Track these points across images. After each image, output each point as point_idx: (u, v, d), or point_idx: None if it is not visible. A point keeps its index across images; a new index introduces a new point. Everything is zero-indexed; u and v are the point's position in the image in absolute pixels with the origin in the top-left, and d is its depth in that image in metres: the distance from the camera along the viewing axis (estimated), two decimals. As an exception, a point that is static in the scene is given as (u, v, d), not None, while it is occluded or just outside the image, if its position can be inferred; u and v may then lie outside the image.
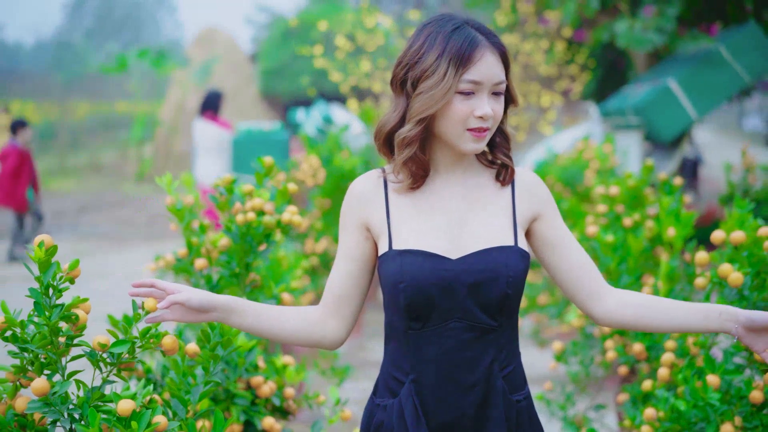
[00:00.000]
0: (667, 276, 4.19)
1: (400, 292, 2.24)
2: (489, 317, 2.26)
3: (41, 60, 48.73)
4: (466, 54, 2.20)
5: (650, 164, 5.15)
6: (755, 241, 3.03)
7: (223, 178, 3.38)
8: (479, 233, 2.30)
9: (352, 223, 2.37)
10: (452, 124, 2.24)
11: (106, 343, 2.22)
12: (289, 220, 3.32)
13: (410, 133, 2.26)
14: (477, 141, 2.26)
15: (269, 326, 2.34)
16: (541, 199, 2.39)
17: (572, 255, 2.36)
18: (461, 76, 2.20)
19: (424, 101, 2.22)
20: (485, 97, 2.23)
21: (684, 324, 2.31)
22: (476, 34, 2.24)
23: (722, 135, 33.89)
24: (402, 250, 2.27)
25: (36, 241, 2.23)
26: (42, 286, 2.23)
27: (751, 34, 9.46)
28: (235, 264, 3.36)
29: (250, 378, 3.23)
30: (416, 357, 2.28)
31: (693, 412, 3.06)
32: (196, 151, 11.31)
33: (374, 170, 2.42)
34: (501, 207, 2.35)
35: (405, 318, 2.28)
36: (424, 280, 2.23)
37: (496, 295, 2.25)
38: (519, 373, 2.38)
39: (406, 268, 2.24)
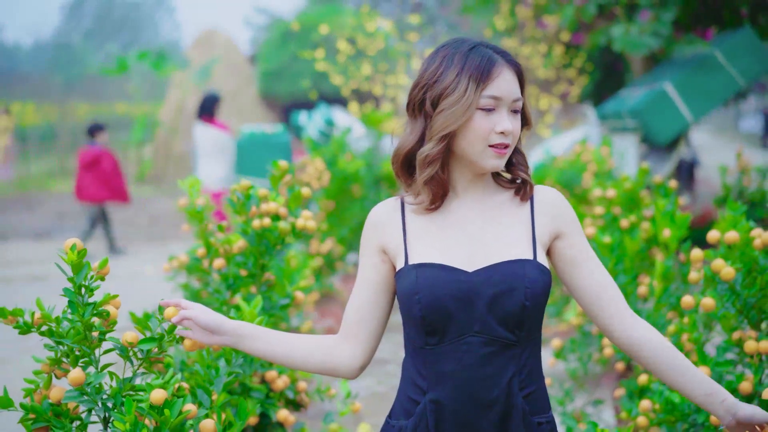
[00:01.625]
0: (663, 275, 4.36)
1: (415, 304, 2.22)
2: (508, 331, 2.22)
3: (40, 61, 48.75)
4: (485, 70, 2.22)
5: (646, 167, 5.30)
6: (747, 241, 3.19)
7: (240, 184, 3.53)
8: (497, 247, 2.28)
9: (369, 249, 2.38)
10: (474, 140, 2.24)
11: (134, 340, 2.38)
12: (304, 226, 3.48)
13: (433, 150, 2.25)
14: (498, 158, 2.26)
15: (282, 352, 2.36)
16: (562, 216, 2.35)
17: (593, 275, 2.32)
18: (481, 92, 2.22)
19: (446, 117, 2.22)
20: (505, 113, 2.25)
21: (687, 391, 2.28)
22: (492, 53, 2.26)
23: (719, 137, 34.04)
24: (418, 263, 2.26)
25: (67, 245, 2.38)
26: (75, 285, 2.39)
27: (746, 39, 9.59)
28: (251, 264, 3.51)
29: (264, 372, 3.40)
30: (434, 374, 2.25)
31: (686, 404, 3.23)
32: (197, 154, 11.39)
33: (392, 198, 2.42)
34: (519, 223, 2.33)
35: (421, 332, 2.25)
36: (440, 292, 2.21)
37: (514, 307, 2.21)
38: (542, 396, 2.32)
39: (422, 280, 2.23)
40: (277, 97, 24.78)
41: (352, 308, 2.40)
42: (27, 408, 2.48)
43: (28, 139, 25.27)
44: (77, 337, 2.38)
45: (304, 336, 2.41)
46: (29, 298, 9.54)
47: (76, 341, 2.38)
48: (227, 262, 3.63)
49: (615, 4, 10.40)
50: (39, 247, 14.24)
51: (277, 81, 24.38)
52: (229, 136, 11.17)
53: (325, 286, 6.95)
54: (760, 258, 3.16)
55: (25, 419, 2.51)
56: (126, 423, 2.25)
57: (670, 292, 4.38)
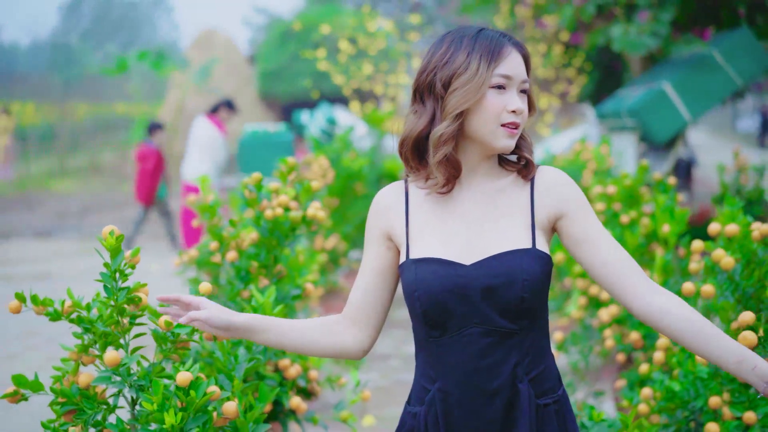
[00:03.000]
0: (662, 269, 4.48)
1: (415, 301, 2.25)
2: (508, 321, 2.23)
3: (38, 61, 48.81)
4: (495, 50, 2.25)
5: (645, 165, 5.42)
6: (746, 234, 3.31)
7: (252, 176, 3.64)
8: (495, 238, 2.28)
9: (374, 235, 2.39)
10: (486, 119, 2.24)
11: (171, 322, 2.49)
12: (314, 215, 3.60)
13: (448, 129, 2.24)
14: (510, 137, 2.26)
15: (292, 339, 2.39)
16: (562, 196, 2.31)
17: (603, 251, 2.26)
18: (493, 70, 2.23)
19: (461, 96, 2.22)
20: (515, 92, 2.26)
21: (717, 358, 2.18)
22: (501, 36, 2.29)
23: (716, 136, 34.18)
24: (417, 258, 2.28)
25: (105, 231, 2.49)
26: (110, 271, 2.50)
27: (744, 39, 9.68)
28: (264, 256, 3.63)
29: (278, 361, 3.51)
30: (440, 365, 2.28)
31: (686, 392, 3.35)
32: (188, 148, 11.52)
33: (398, 181, 2.43)
34: (519, 209, 2.32)
35: (424, 326, 2.28)
36: (438, 288, 2.23)
37: (512, 299, 2.21)
38: (549, 375, 2.32)
39: (420, 277, 2.25)
40: (276, 96, 24.87)
41: (358, 291, 2.42)
42: (57, 392, 2.59)
43: (27, 139, 25.36)
44: (110, 321, 2.49)
45: (311, 322, 2.43)
46: (36, 295, 9.67)
47: (108, 325, 2.49)
48: (239, 255, 3.74)
49: (614, 5, 10.49)
50: (40, 246, 14.33)
51: (276, 81, 24.47)
52: (221, 136, 11.24)
53: (329, 282, 7.06)
54: (759, 250, 3.27)
55: (55, 403, 2.62)
56: (154, 403, 2.36)
57: (669, 285, 4.49)
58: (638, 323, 4.52)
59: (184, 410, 2.40)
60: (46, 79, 30.44)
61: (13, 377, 2.58)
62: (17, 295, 2.54)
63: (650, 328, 4.45)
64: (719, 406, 3.16)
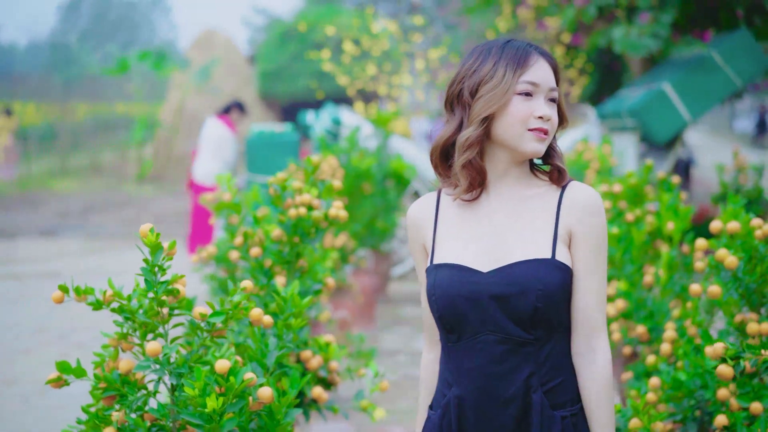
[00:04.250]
0: (667, 265, 4.62)
1: (433, 304, 2.31)
2: (523, 330, 2.25)
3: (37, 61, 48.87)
4: (522, 58, 2.28)
5: (650, 164, 5.56)
6: (748, 231, 3.45)
7: (277, 177, 3.78)
8: (517, 246, 2.29)
9: (416, 250, 2.46)
10: (513, 124, 2.27)
11: (205, 312, 2.64)
12: (336, 215, 3.74)
13: (473, 134, 2.28)
14: (539, 141, 2.29)
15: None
16: (582, 218, 2.31)
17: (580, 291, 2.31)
18: (519, 77, 2.27)
19: (486, 101, 2.27)
20: (542, 100, 2.29)
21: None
22: (528, 46, 2.33)
23: (713, 137, 34.32)
24: (438, 264, 2.34)
25: (145, 229, 2.63)
26: (150, 265, 2.64)
27: (743, 40, 9.81)
28: (287, 252, 3.77)
29: (300, 352, 3.65)
30: (456, 370, 2.32)
31: (692, 382, 3.49)
32: (199, 148, 11.53)
33: (431, 192, 2.49)
34: (544, 218, 2.33)
35: (442, 330, 2.35)
36: (453, 293, 2.28)
37: (527, 309, 2.23)
38: (567, 388, 2.31)
39: (438, 281, 2.30)
40: (276, 97, 24.97)
41: (426, 311, 2.47)
42: (99, 378, 2.73)
43: (28, 139, 25.48)
44: (151, 312, 2.63)
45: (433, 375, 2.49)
46: (43, 294, 9.85)
47: (150, 316, 2.63)
48: (263, 251, 3.87)
49: (615, 6, 10.64)
50: (46, 245, 14.46)
51: (276, 81, 24.56)
52: (233, 136, 11.28)
53: (338, 279, 7.20)
54: (761, 247, 3.41)
55: (95, 388, 2.76)
56: (196, 389, 2.50)
57: (674, 281, 4.63)
58: (644, 317, 4.66)
59: (223, 395, 2.54)
60: (46, 80, 30.54)
61: (57, 363, 2.72)
62: (60, 287, 2.67)
63: (656, 322, 4.60)
64: (727, 397, 3.29)
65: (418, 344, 8.02)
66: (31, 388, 6.65)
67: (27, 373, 6.94)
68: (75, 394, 6.35)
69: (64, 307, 9.46)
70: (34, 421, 5.96)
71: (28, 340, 8.13)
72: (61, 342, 8.07)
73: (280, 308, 2.90)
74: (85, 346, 7.74)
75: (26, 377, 6.86)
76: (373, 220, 8.67)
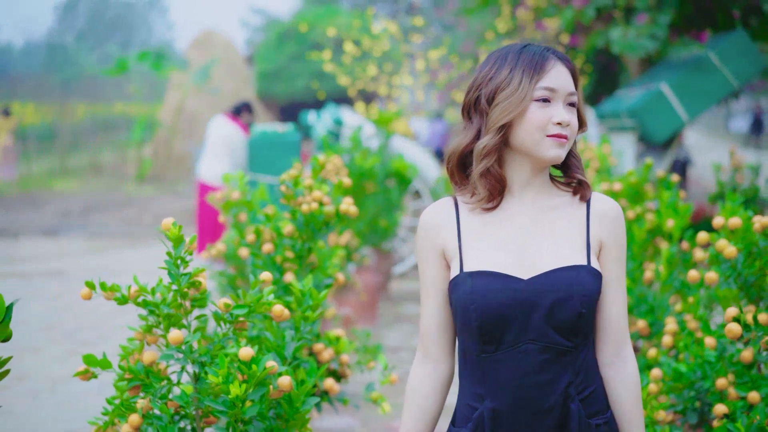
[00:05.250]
0: (668, 261, 4.74)
1: (471, 314, 2.21)
2: (564, 338, 2.22)
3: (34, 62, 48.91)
4: (538, 64, 2.25)
5: (650, 163, 5.67)
6: (747, 226, 3.56)
7: (289, 173, 3.89)
8: (551, 253, 2.27)
9: (430, 256, 2.35)
10: (531, 131, 2.24)
11: (230, 303, 2.75)
12: (346, 210, 3.85)
13: (490, 142, 2.26)
14: (559, 146, 2.26)
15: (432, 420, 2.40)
16: (612, 230, 2.34)
17: (608, 300, 2.33)
18: (536, 83, 2.23)
19: (502, 109, 2.24)
20: (561, 105, 2.25)
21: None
22: (545, 50, 2.29)
23: (710, 137, 34.46)
24: (473, 271, 2.24)
25: (167, 223, 2.74)
26: (173, 258, 2.75)
27: (739, 41, 9.93)
28: (299, 247, 3.88)
29: (312, 345, 3.76)
30: (491, 382, 2.24)
31: (693, 373, 3.60)
32: (205, 146, 11.27)
33: (444, 198, 2.40)
34: (575, 228, 2.32)
35: (478, 341, 2.24)
36: (495, 302, 2.20)
37: (571, 316, 2.21)
38: (599, 397, 2.31)
39: (477, 290, 2.21)
40: (274, 97, 25.07)
41: (432, 324, 2.37)
42: (124, 369, 2.84)
43: (27, 139, 25.56)
44: (174, 303, 2.74)
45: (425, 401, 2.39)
46: (51, 292, 9.95)
47: (174, 307, 2.75)
48: (275, 247, 3.98)
49: (613, 8, 10.75)
50: (49, 245, 14.57)
51: (274, 81, 24.67)
52: (244, 137, 11.05)
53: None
54: (760, 241, 3.53)
55: (121, 379, 2.87)
56: (219, 376, 2.61)
57: (674, 277, 4.75)
58: (645, 312, 4.77)
59: (246, 383, 2.65)
60: (45, 80, 30.62)
61: (84, 357, 2.82)
62: (88, 283, 2.78)
63: (656, 317, 4.71)
64: (725, 387, 3.40)
65: (419, 341, 8.13)
66: (41, 384, 6.76)
67: (36, 370, 7.04)
68: (83, 391, 6.51)
69: (68, 305, 9.58)
70: (43, 417, 6.06)
71: (36, 337, 8.23)
72: (67, 339, 8.18)
73: (298, 301, 3.02)
74: (91, 343, 7.85)
75: (35, 374, 6.96)
76: (376, 218, 8.79)
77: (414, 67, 14.13)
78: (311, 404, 2.87)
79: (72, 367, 7.10)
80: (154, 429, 2.73)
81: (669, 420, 3.58)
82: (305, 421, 2.89)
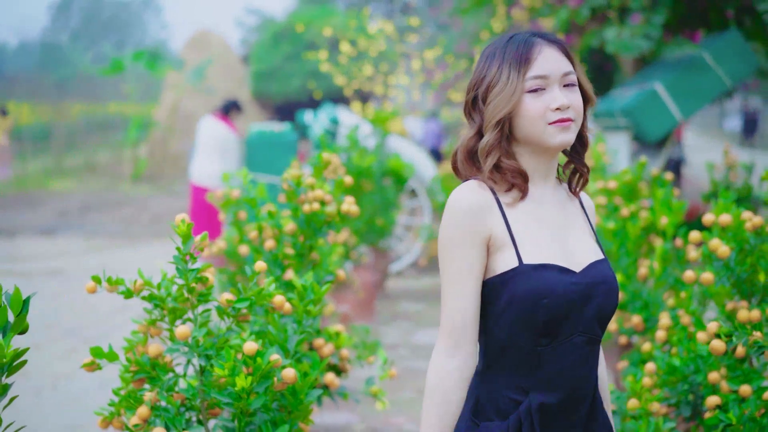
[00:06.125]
0: (662, 257, 4.82)
1: (540, 309, 2.18)
2: (601, 329, 2.28)
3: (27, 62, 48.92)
4: (523, 54, 2.24)
5: (644, 161, 5.75)
6: (739, 224, 3.64)
7: (290, 171, 3.96)
8: (581, 246, 2.31)
9: (474, 239, 2.23)
10: (531, 122, 2.23)
11: (231, 298, 2.82)
12: (348, 210, 3.93)
13: (489, 139, 2.26)
14: (563, 131, 2.24)
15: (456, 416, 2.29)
16: (594, 221, 2.46)
17: None
18: (524, 75, 2.22)
19: (494, 106, 2.23)
20: (557, 89, 2.24)
21: None
22: (530, 36, 2.28)
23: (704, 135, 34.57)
24: (537, 264, 2.21)
25: (178, 220, 2.81)
26: (181, 254, 2.82)
27: (733, 41, 9.99)
28: (300, 245, 3.95)
29: (312, 340, 3.83)
30: (540, 374, 2.23)
31: (686, 367, 3.68)
32: (196, 147, 11.16)
33: (471, 182, 2.29)
34: (582, 221, 2.38)
35: (535, 335, 2.21)
36: (564, 296, 2.19)
37: (613, 307, 2.28)
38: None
39: (546, 284, 2.19)
40: (269, 96, 25.11)
41: (469, 314, 2.26)
42: (130, 361, 2.92)
43: (23, 139, 25.59)
44: (180, 298, 2.82)
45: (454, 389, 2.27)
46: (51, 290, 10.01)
47: (180, 302, 2.82)
48: (277, 244, 4.06)
49: (607, 8, 10.81)
50: (47, 244, 14.61)
51: (269, 81, 24.70)
52: (236, 136, 11.04)
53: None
54: (751, 238, 3.60)
55: (126, 371, 2.95)
56: (225, 369, 2.69)
57: (668, 273, 4.83)
58: (639, 308, 4.85)
59: (251, 375, 2.72)
60: (40, 80, 30.64)
61: (91, 349, 2.90)
62: (93, 277, 2.85)
63: (650, 313, 4.79)
64: (718, 380, 3.48)
65: (417, 338, 8.21)
66: (43, 381, 6.83)
67: (39, 367, 7.11)
68: (85, 387, 6.57)
69: (69, 304, 9.65)
70: (46, 413, 6.13)
71: (37, 335, 8.28)
72: (68, 337, 8.25)
73: (300, 296, 3.10)
74: (92, 341, 7.91)
75: (38, 371, 7.03)
76: (373, 217, 8.87)
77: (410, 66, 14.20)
78: (314, 396, 2.94)
79: (73, 365, 7.18)
80: (161, 420, 2.80)
81: (663, 412, 3.65)
82: (308, 412, 2.97)
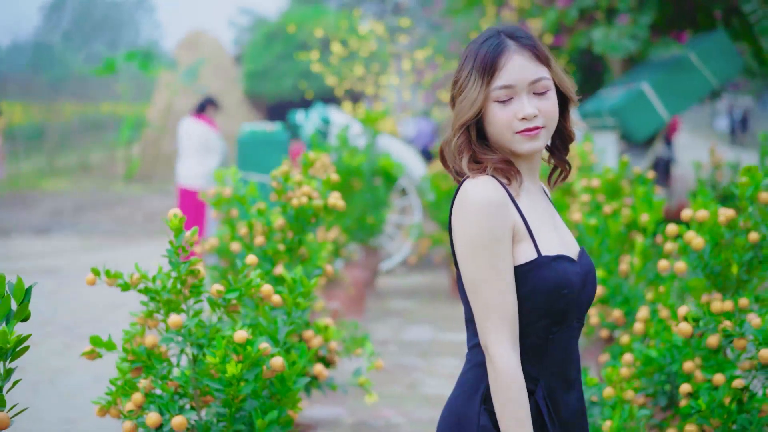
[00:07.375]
0: (641, 254, 4.96)
1: (561, 299, 2.21)
2: (585, 314, 2.36)
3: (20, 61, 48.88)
4: (490, 62, 2.22)
5: (626, 160, 5.89)
6: (715, 220, 3.77)
7: (279, 168, 4.10)
8: (568, 236, 2.38)
9: (506, 233, 2.21)
10: (499, 131, 2.24)
11: (222, 289, 2.95)
12: (334, 204, 4.06)
13: (456, 141, 2.28)
14: (531, 139, 2.24)
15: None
16: None
17: None
18: (489, 85, 2.22)
19: (459, 110, 2.26)
20: (524, 98, 2.22)
21: None
22: (503, 40, 2.25)
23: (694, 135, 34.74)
24: (555, 255, 2.24)
25: (170, 214, 2.94)
26: (174, 247, 2.95)
27: (719, 41, 10.12)
28: (289, 240, 4.08)
29: (302, 332, 3.96)
30: (546, 360, 2.26)
31: (662, 358, 3.80)
32: (180, 151, 11.21)
33: (484, 177, 2.25)
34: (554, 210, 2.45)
35: (551, 323, 2.24)
36: (578, 285, 2.25)
37: (593, 295, 2.35)
38: None
39: (566, 274, 2.23)
40: (262, 96, 25.19)
41: (514, 303, 2.21)
42: (127, 351, 3.04)
43: (15, 139, 25.63)
44: (175, 290, 2.95)
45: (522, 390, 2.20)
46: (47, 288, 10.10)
47: (173, 293, 2.95)
48: (267, 239, 4.19)
49: (595, 8, 10.94)
50: (42, 243, 14.71)
51: (262, 81, 24.77)
52: (216, 133, 11.05)
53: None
54: (725, 233, 3.74)
55: (124, 360, 3.08)
56: (217, 356, 2.81)
57: (647, 269, 4.96)
58: (620, 302, 4.98)
59: (241, 363, 2.85)
60: (32, 79, 30.65)
61: (90, 338, 3.03)
62: (93, 270, 2.98)
63: (631, 307, 4.92)
64: (692, 370, 3.60)
65: (406, 335, 8.34)
66: (40, 376, 6.95)
67: (35, 363, 7.22)
68: (81, 382, 6.69)
69: (64, 301, 9.76)
70: (43, 408, 6.25)
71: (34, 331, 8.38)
72: (65, 334, 8.37)
73: (290, 288, 3.23)
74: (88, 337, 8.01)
75: (35, 367, 7.14)
76: (363, 215, 9.01)
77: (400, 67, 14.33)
78: (302, 384, 3.07)
79: (70, 360, 7.29)
80: (156, 407, 2.93)
81: (640, 402, 3.77)
82: (296, 400, 3.10)
